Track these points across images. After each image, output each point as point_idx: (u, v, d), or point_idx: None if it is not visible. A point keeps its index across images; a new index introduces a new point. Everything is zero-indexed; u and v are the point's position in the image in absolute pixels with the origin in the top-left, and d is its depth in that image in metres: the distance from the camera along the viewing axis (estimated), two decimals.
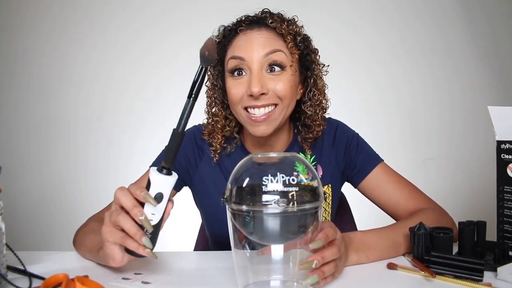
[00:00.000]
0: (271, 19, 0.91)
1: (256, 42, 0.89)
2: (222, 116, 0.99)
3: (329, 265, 0.67)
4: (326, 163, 1.02)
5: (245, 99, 0.89)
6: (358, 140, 1.04)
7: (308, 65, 0.96)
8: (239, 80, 0.90)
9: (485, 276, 0.70)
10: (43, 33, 2.38)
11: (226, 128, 0.99)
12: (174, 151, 0.67)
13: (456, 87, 2.42)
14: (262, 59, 0.88)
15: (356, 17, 2.40)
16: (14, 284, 0.68)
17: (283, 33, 0.90)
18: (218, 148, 0.98)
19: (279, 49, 0.89)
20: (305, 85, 0.98)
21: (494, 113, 0.83)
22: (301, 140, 1.01)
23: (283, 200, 0.58)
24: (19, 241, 2.03)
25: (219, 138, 0.98)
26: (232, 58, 0.90)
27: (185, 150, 1.01)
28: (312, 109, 0.97)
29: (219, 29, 0.97)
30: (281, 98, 0.89)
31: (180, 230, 1.72)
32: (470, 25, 2.40)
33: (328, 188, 1.02)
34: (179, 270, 0.79)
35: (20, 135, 2.45)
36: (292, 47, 0.90)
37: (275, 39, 0.90)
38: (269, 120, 0.89)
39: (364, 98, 2.38)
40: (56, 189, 2.45)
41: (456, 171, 2.40)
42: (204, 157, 1.02)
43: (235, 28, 0.93)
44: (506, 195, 0.81)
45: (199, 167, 1.02)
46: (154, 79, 2.34)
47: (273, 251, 0.66)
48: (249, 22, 0.92)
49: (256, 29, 0.91)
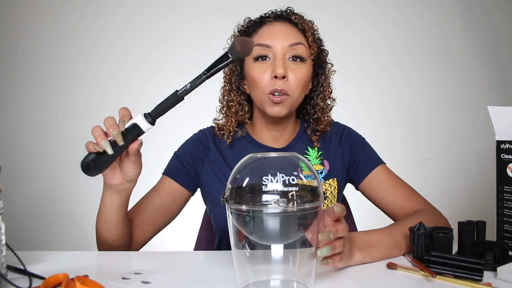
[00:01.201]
0: (294, 16, 1.02)
1: (281, 33, 0.98)
2: (236, 101, 1.05)
3: (339, 242, 0.69)
4: (332, 159, 1.07)
5: (268, 83, 0.97)
6: (363, 142, 1.10)
7: (320, 64, 1.06)
8: (264, 65, 0.98)
9: (485, 276, 0.70)
10: (43, 33, 2.38)
11: (239, 113, 1.06)
12: (165, 109, 0.75)
13: (456, 87, 2.42)
14: (286, 48, 0.97)
15: (355, 17, 2.41)
16: (14, 284, 0.68)
17: (305, 28, 1.00)
18: (231, 130, 1.05)
19: (301, 42, 0.99)
20: (316, 81, 1.07)
21: (494, 113, 0.83)
22: (311, 132, 1.08)
23: (283, 200, 0.58)
24: (19, 241, 2.03)
25: (232, 122, 1.05)
26: (258, 45, 0.98)
27: (192, 151, 1.07)
28: (323, 102, 1.06)
29: (244, 20, 1.06)
30: (294, 89, 0.98)
31: (180, 230, 1.72)
32: (470, 25, 2.40)
33: (334, 181, 1.06)
34: (179, 270, 0.79)
35: (20, 135, 2.45)
36: (311, 42, 1.00)
37: (297, 33, 1.00)
38: (284, 104, 0.98)
39: (364, 98, 2.38)
40: (56, 189, 2.45)
41: (456, 171, 2.40)
42: (209, 154, 1.07)
43: (261, 20, 1.02)
44: (506, 195, 0.81)
45: (205, 162, 1.06)
46: (154, 78, 2.34)
47: (273, 251, 0.66)
48: (274, 15, 1.02)
49: (281, 22, 1.01)
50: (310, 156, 1.07)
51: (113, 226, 0.90)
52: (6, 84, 2.44)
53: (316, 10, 1.11)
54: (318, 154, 1.07)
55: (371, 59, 2.41)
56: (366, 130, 1.20)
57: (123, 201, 0.88)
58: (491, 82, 2.41)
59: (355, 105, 2.28)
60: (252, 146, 1.06)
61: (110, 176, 0.83)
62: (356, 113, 2.15)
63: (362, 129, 1.16)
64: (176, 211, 1.06)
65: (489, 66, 2.41)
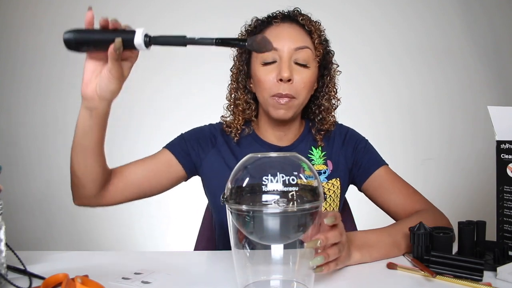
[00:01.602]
0: (301, 17, 1.02)
1: (288, 35, 0.98)
2: (243, 100, 1.06)
3: (333, 249, 0.69)
4: (335, 159, 1.08)
5: (274, 85, 0.97)
6: (366, 144, 1.11)
7: (326, 64, 1.07)
8: (270, 67, 0.98)
9: (485, 276, 0.70)
10: (43, 33, 2.38)
11: (246, 111, 1.07)
12: (164, 42, 0.72)
13: (456, 87, 2.42)
14: (292, 51, 0.97)
15: (355, 17, 2.40)
16: (14, 284, 0.68)
17: (311, 30, 1.00)
18: (239, 129, 1.06)
19: (306, 46, 0.99)
20: (321, 81, 1.07)
21: (494, 113, 0.83)
22: (315, 132, 1.09)
23: (283, 200, 0.58)
24: (19, 241, 2.03)
25: (239, 120, 1.06)
26: None
27: (199, 136, 1.07)
28: (328, 102, 1.07)
29: (251, 19, 1.06)
30: (300, 91, 0.98)
31: (180, 230, 1.73)
32: (470, 25, 2.40)
33: (337, 181, 1.06)
34: (179, 270, 0.79)
35: (20, 135, 2.45)
36: (318, 44, 1.01)
37: (304, 35, 1.00)
38: (289, 106, 0.98)
39: (364, 98, 2.38)
40: (56, 189, 2.44)
41: (456, 171, 2.40)
42: (216, 144, 1.07)
43: (268, 21, 1.02)
44: (506, 195, 0.81)
45: (211, 152, 1.06)
46: (154, 78, 2.34)
47: (273, 251, 0.66)
48: (282, 16, 1.02)
49: (288, 23, 1.01)
50: (313, 156, 1.07)
51: (82, 152, 0.85)
52: (6, 84, 2.44)
53: (316, 10, 1.11)
54: (321, 154, 1.08)
55: (371, 59, 2.41)
56: (366, 130, 1.20)
57: (94, 124, 0.82)
58: (491, 82, 2.41)
59: (355, 105, 2.28)
60: (258, 144, 1.07)
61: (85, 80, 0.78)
62: (356, 113, 2.15)
63: (362, 129, 1.16)
64: (165, 184, 1.03)
65: (489, 66, 2.41)
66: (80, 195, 0.92)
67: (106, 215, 2.40)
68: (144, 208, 2.29)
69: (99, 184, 0.91)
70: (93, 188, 0.91)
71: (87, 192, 0.91)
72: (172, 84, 2.34)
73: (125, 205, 1.00)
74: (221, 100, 1.10)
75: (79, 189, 0.91)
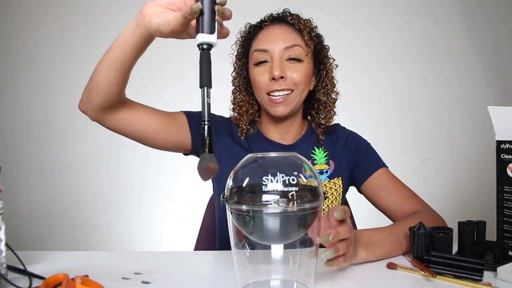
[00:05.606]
0: (290, 17, 1.05)
1: (278, 36, 1.03)
2: (246, 102, 1.12)
3: (342, 244, 0.70)
4: (338, 159, 1.11)
5: (268, 84, 1.02)
6: (367, 146, 1.14)
7: (321, 59, 1.09)
8: (262, 68, 1.03)
9: (485, 276, 0.71)
10: (43, 33, 2.38)
11: (250, 111, 1.12)
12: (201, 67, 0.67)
13: (456, 87, 2.42)
14: (282, 51, 1.01)
15: (355, 17, 2.40)
16: (14, 284, 0.68)
17: (301, 28, 1.03)
18: (244, 128, 1.11)
19: (297, 44, 1.02)
20: (318, 76, 1.10)
21: (494, 113, 0.83)
22: (315, 126, 1.12)
23: (283, 200, 0.58)
24: (19, 241, 2.04)
25: (244, 120, 1.11)
26: (257, 50, 1.04)
27: (216, 121, 1.12)
28: (325, 97, 1.09)
29: (245, 26, 1.10)
30: (296, 84, 1.02)
31: (180, 230, 1.72)
32: (470, 25, 2.40)
33: (339, 180, 1.08)
34: (179, 270, 0.79)
35: (20, 134, 2.45)
36: (308, 40, 1.03)
37: (293, 34, 1.03)
38: (286, 102, 1.02)
39: (364, 98, 2.38)
40: (56, 188, 2.45)
41: (456, 171, 2.40)
42: (232, 133, 1.12)
43: (259, 25, 1.07)
44: (506, 195, 0.81)
45: (224, 138, 1.10)
46: (154, 78, 2.34)
47: (273, 251, 0.66)
48: (272, 19, 1.06)
49: (278, 24, 1.05)
50: (316, 155, 1.09)
51: (110, 60, 0.86)
52: (6, 84, 2.44)
53: (316, 10, 1.11)
54: (324, 154, 1.10)
55: (371, 59, 2.41)
56: (366, 130, 1.21)
57: (133, 40, 0.82)
58: (491, 82, 2.41)
59: (355, 105, 2.28)
60: (262, 142, 1.10)
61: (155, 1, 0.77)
62: (356, 113, 2.15)
63: (362, 129, 1.17)
64: (168, 143, 1.03)
65: (489, 66, 2.41)
66: (87, 100, 0.92)
67: (106, 215, 2.41)
68: (144, 208, 2.30)
69: (109, 100, 0.90)
70: (102, 100, 0.90)
71: (95, 100, 0.90)
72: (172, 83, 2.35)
73: (125, 205, 1.00)
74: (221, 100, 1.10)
75: (91, 94, 0.90)
